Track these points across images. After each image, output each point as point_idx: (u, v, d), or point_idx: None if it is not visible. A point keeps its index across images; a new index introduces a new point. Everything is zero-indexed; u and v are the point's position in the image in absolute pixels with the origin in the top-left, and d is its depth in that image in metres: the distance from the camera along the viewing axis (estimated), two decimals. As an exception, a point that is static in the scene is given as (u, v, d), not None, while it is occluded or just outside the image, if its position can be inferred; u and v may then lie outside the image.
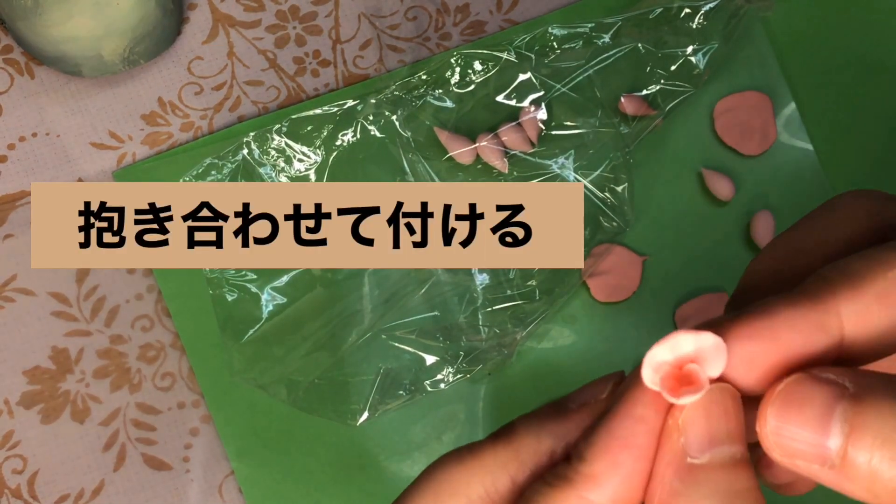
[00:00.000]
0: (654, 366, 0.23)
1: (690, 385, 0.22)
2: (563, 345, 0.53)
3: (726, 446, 0.22)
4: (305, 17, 0.55)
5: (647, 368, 0.23)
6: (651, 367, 0.23)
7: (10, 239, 0.52)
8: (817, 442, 0.21)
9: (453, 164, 0.53)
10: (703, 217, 0.54)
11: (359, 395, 0.51)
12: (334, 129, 0.52)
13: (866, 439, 0.21)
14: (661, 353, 0.22)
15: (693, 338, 0.22)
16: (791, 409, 0.22)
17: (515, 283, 0.52)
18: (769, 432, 0.22)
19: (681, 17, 0.53)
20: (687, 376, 0.22)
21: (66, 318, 0.52)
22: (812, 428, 0.21)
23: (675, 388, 0.22)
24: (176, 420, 0.52)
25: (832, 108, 0.55)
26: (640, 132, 0.53)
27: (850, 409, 0.21)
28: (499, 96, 0.53)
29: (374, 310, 0.51)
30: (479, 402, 0.52)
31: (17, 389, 0.52)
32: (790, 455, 0.22)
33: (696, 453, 0.22)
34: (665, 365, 0.23)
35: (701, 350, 0.22)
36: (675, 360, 0.22)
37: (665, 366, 0.23)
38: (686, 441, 0.22)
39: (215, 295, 0.51)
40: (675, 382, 0.22)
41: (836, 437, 0.21)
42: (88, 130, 0.53)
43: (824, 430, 0.21)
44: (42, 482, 0.51)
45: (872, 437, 0.21)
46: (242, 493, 0.52)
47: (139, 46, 0.51)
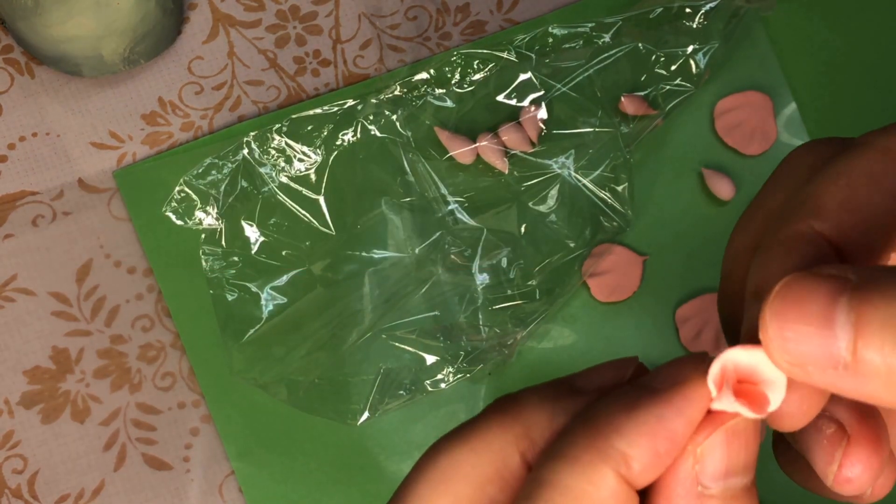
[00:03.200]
0: (718, 372, 0.21)
1: (741, 398, 0.21)
2: (563, 345, 0.53)
3: (739, 478, 0.22)
4: (306, 16, 0.55)
5: (716, 371, 0.21)
6: (717, 372, 0.21)
7: (10, 239, 0.52)
8: (824, 340, 0.19)
9: (453, 163, 0.52)
10: (703, 217, 0.54)
11: (359, 395, 0.51)
12: (334, 129, 0.52)
13: (876, 328, 0.19)
14: (741, 357, 0.21)
15: (776, 368, 0.21)
16: (790, 307, 0.20)
17: (515, 283, 0.52)
18: (771, 338, 0.20)
19: (681, 17, 0.53)
20: (741, 391, 0.21)
21: (66, 317, 0.52)
22: (816, 324, 0.19)
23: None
24: (176, 420, 0.52)
25: (832, 108, 0.55)
26: (640, 132, 0.53)
27: (856, 298, 0.19)
28: (499, 96, 0.53)
29: (375, 309, 0.51)
30: (479, 402, 0.52)
31: (17, 389, 0.52)
32: (799, 361, 0.20)
33: (709, 483, 0.22)
34: (723, 374, 0.22)
35: (765, 377, 0.21)
36: (738, 373, 0.21)
37: (721, 374, 0.22)
38: (701, 469, 0.22)
39: (215, 295, 0.51)
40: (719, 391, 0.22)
41: (842, 329, 0.19)
42: (88, 130, 0.53)
43: (829, 324, 0.19)
44: (42, 482, 0.51)
45: (882, 324, 0.19)
46: (242, 493, 0.52)
47: (139, 46, 0.51)
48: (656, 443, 0.21)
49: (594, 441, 0.22)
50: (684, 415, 0.21)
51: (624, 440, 0.21)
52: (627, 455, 0.21)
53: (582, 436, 0.22)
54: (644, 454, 0.21)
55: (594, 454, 0.21)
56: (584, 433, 0.22)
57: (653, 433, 0.21)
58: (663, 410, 0.21)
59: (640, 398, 0.22)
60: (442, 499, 0.24)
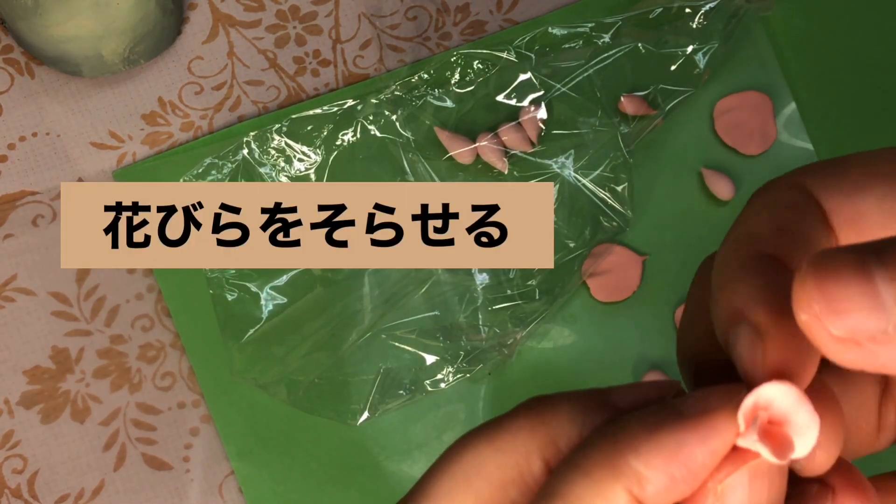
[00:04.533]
0: (751, 407, 0.21)
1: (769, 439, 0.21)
2: (563, 345, 0.53)
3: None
4: (305, 16, 0.55)
5: (749, 405, 0.21)
6: (750, 406, 0.21)
7: (10, 239, 0.52)
8: (873, 305, 0.18)
9: (453, 163, 0.53)
10: (703, 217, 0.54)
11: (359, 394, 0.51)
12: (334, 129, 0.52)
13: None
14: (776, 394, 0.20)
15: (808, 411, 0.20)
16: (830, 282, 0.18)
17: (515, 283, 0.52)
18: (820, 313, 0.18)
19: (681, 17, 0.53)
20: (768, 432, 0.21)
21: (66, 317, 0.52)
22: (860, 291, 0.18)
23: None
24: (176, 420, 0.52)
25: (832, 108, 0.55)
26: (640, 132, 0.53)
27: (884, 261, 0.18)
28: (499, 96, 0.53)
29: (375, 310, 0.51)
30: (479, 401, 0.52)
31: (17, 389, 0.52)
32: (856, 333, 0.18)
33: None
34: (755, 410, 0.21)
35: (796, 420, 0.21)
36: (770, 412, 0.21)
37: (753, 410, 0.21)
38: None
39: (215, 295, 0.51)
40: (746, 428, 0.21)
41: (887, 292, 0.18)
42: (88, 130, 0.53)
43: (874, 290, 0.18)
44: (42, 482, 0.51)
45: None
46: (242, 493, 0.52)
47: (139, 46, 0.51)
48: (673, 468, 0.21)
49: (611, 457, 0.21)
50: (707, 445, 0.21)
51: (641, 460, 0.21)
52: (642, 476, 0.21)
53: (600, 450, 0.22)
54: (659, 477, 0.21)
55: (609, 470, 0.21)
56: (603, 448, 0.22)
57: (671, 457, 0.21)
58: (686, 436, 0.21)
59: (665, 420, 0.21)
60: (463, 496, 0.23)
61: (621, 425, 0.22)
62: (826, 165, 0.23)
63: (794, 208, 0.23)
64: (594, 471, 0.21)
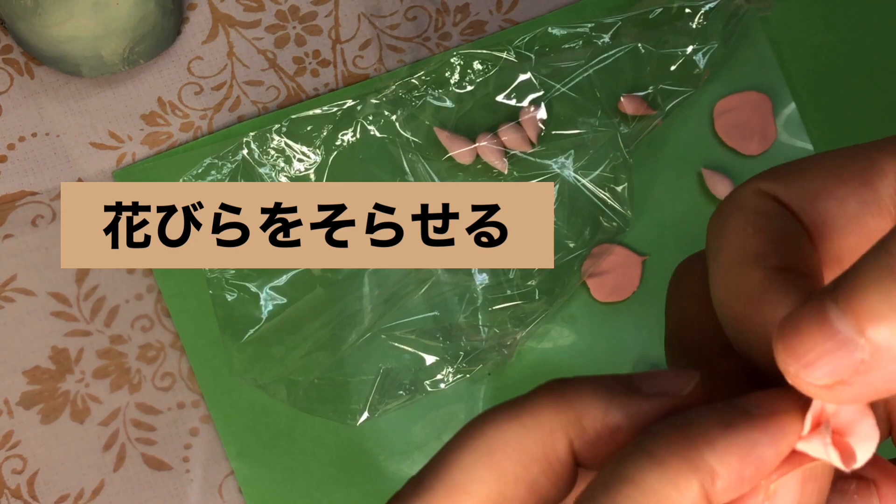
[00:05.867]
0: (818, 410, 0.21)
1: None
2: (563, 345, 0.53)
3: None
4: (305, 16, 0.55)
5: (818, 408, 0.21)
6: (818, 410, 0.21)
7: (10, 239, 0.52)
8: (831, 339, 0.19)
9: (453, 164, 0.53)
10: (703, 217, 0.54)
11: (359, 395, 0.51)
12: (334, 129, 0.52)
13: (873, 306, 0.18)
14: (844, 410, 0.21)
15: (871, 423, 0.21)
16: (796, 344, 0.19)
17: (515, 283, 0.52)
18: (800, 371, 0.19)
19: (681, 17, 0.53)
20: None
21: (65, 318, 0.52)
22: (822, 339, 0.19)
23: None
24: (176, 420, 0.52)
25: (832, 108, 0.55)
26: (640, 132, 0.53)
27: (837, 299, 0.19)
28: (499, 96, 0.53)
29: (374, 310, 0.51)
30: (479, 402, 0.52)
31: (17, 389, 0.52)
32: (837, 375, 0.19)
33: None
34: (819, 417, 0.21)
35: (859, 430, 0.21)
36: (835, 421, 0.21)
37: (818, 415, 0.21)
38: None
39: (215, 295, 0.51)
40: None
41: (846, 329, 0.19)
42: (88, 130, 0.53)
43: (833, 332, 0.19)
44: (42, 482, 0.51)
45: (877, 301, 0.18)
46: (242, 493, 0.52)
47: (139, 46, 0.51)
48: (744, 466, 0.21)
49: (686, 450, 0.21)
50: (776, 445, 0.21)
51: (716, 456, 0.21)
52: (715, 472, 0.21)
53: (674, 441, 0.22)
54: (731, 475, 0.21)
55: (685, 462, 0.21)
56: (676, 439, 0.22)
57: (744, 456, 0.21)
58: (759, 436, 0.21)
59: (736, 418, 0.22)
60: (485, 471, 0.22)
61: (693, 419, 0.22)
62: (787, 170, 0.24)
63: (773, 217, 0.24)
64: (670, 461, 0.21)
